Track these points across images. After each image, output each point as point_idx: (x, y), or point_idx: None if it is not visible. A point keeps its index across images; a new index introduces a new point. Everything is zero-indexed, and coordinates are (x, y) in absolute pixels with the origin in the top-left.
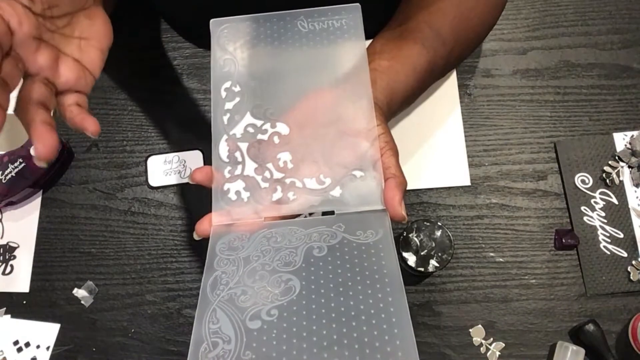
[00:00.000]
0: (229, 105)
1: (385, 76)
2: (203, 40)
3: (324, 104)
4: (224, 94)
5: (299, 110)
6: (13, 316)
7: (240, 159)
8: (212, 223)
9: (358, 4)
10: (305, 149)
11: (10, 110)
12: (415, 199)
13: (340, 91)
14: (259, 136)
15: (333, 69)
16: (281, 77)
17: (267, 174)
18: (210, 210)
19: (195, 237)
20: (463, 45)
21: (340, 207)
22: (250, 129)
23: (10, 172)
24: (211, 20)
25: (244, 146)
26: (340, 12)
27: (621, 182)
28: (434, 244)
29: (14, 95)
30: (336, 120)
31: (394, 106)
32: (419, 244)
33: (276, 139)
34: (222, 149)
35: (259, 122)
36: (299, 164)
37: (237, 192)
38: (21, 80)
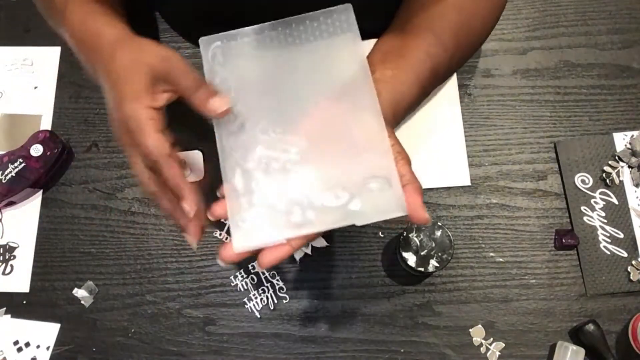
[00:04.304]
0: (238, 141)
1: (390, 86)
2: None
3: (332, 119)
4: (234, 128)
5: (308, 128)
6: (13, 316)
7: (256, 188)
8: (235, 251)
9: (349, 4)
10: (319, 169)
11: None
12: None
13: (346, 104)
14: (273, 164)
15: (333, 75)
16: (282, 91)
17: (284, 197)
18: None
19: (222, 264)
20: (464, 50)
21: (361, 219)
22: (264, 160)
23: (10, 172)
24: (200, 39)
25: (259, 175)
26: (331, 15)
27: (621, 182)
28: (434, 244)
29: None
30: (346, 135)
31: (399, 117)
32: (419, 244)
33: (289, 165)
34: (237, 181)
35: (271, 153)
36: (314, 183)
37: (256, 220)
38: None
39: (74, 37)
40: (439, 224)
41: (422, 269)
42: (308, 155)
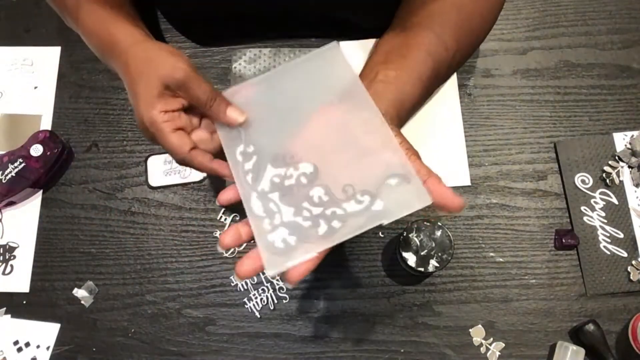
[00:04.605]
0: (248, 166)
1: (393, 87)
2: (203, 39)
3: (335, 128)
4: (240, 157)
5: (311, 136)
6: (13, 316)
7: (275, 209)
8: (268, 275)
9: (335, 42)
10: (334, 178)
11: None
12: None
13: (344, 110)
14: (287, 182)
15: (326, 85)
16: (282, 109)
17: (306, 213)
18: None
19: (238, 281)
20: (465, 48)
21: (386, 217)
22: (276, 179)
23: (10, 172)
24: None
25: (275, 196)
26: (323, 54)
27: (621, 182)
28: (434, 244)
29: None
30: (352, 141)
31: (404, 117)
32: (419, 244)
33: (303, 179)
34: (255, 205)
35: (282, 171)
36: (332, 193)
37: (283, 240)
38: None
39: (89, 40)
40: (439, 224)
41: (422, 269)
42: (319, 171)
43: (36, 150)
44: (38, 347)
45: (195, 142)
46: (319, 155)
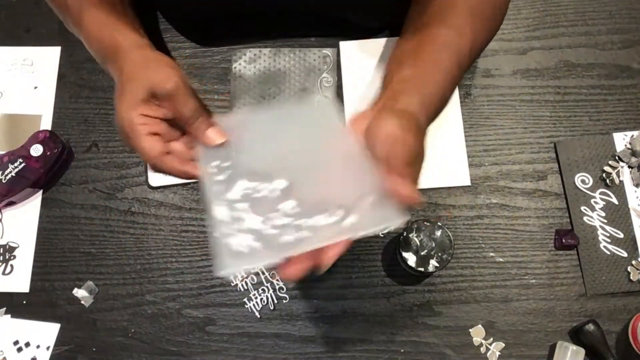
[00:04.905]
0: (220, 177)
1: (412, 85)
2: (203, 39)
3: (314, 152)
4: (214, 170)
5: (290, 157)
6: (13, 316)
7: (241, 216)
8: (219, 275)
9: (329, 100)
10: (308, 194)
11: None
12: None
13: (322, 133)
14: (258, 194)
15: (316, 137)
16: (267, 139)
17: (276, 222)
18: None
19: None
20: (481, 35)
21: (357, 232)
22: (248, 191)
23: (10, 172)
24: None
25: (244, 205)
26: (316, 109)
27: (621, 182)
28: (434, 244)
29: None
30: (330, 165)
31: (431, 112)
32: (419, 244)
33: (276, 193)
34: (221, 212)
35: (255, 184)
36: (305, 206)
37: (248, 245)
38: None
39: (90, 44)
40: (439, 224)
41: (422, 269)
42: (293, 187)
43: (36, 150)
44: (38, 347)
45: (170, 149)
46: (295, 174)
